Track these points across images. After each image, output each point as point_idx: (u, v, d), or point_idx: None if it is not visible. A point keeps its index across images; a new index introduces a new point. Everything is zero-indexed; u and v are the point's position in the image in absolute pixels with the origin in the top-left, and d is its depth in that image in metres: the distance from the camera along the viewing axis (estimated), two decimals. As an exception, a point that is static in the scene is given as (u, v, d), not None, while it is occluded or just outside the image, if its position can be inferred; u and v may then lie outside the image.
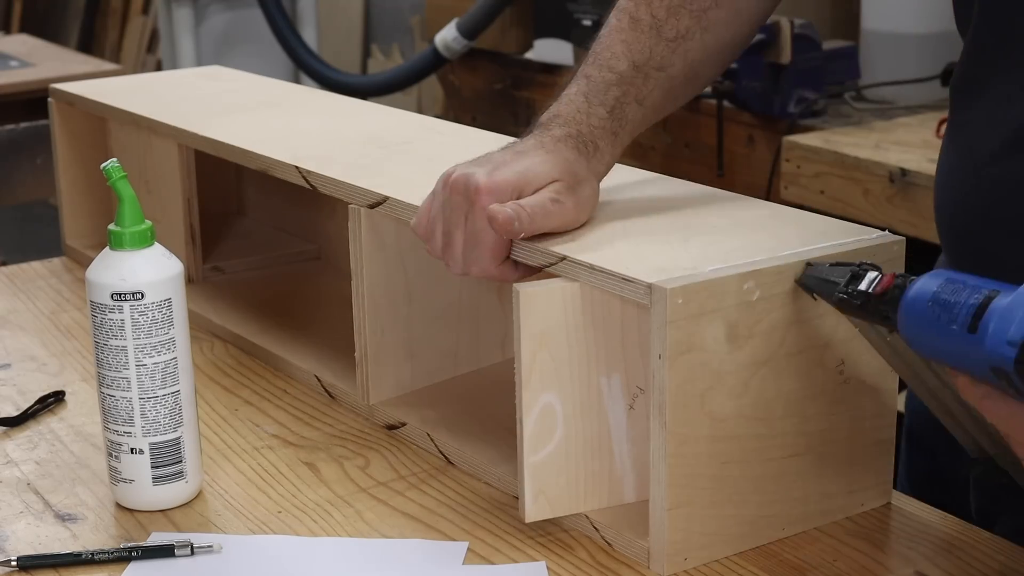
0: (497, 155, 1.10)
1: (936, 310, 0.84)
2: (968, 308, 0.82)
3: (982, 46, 1.05)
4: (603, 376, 1.03)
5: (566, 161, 1.07)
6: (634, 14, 1.13)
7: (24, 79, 3.27)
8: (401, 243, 1.24)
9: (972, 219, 1.05)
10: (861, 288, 0.92)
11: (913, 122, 2.61)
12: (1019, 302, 0.80)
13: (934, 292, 0.85)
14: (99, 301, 1.06)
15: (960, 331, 0.82)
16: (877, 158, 2.34)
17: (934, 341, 0.85)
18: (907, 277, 0.89)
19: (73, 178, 1.74)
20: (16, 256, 2.54)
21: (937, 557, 1.00)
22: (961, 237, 1.08)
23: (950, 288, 0.84)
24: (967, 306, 0.82)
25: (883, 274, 0.91)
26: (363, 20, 5.15)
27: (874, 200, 2.33)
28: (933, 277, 0.86)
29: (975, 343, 0.81)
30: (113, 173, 1.06)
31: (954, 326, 0.83)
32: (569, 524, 1.06)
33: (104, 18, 5.92)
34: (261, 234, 1.77)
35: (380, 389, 1.25)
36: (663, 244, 1.04)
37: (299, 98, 1.67)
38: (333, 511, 1.10)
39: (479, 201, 1.05)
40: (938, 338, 0.84)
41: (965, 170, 1.05)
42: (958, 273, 0.85)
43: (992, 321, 0.80)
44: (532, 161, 1.07)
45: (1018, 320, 0.79)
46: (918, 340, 0.87)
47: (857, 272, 0.93)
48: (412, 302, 1.25)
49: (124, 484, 1.10)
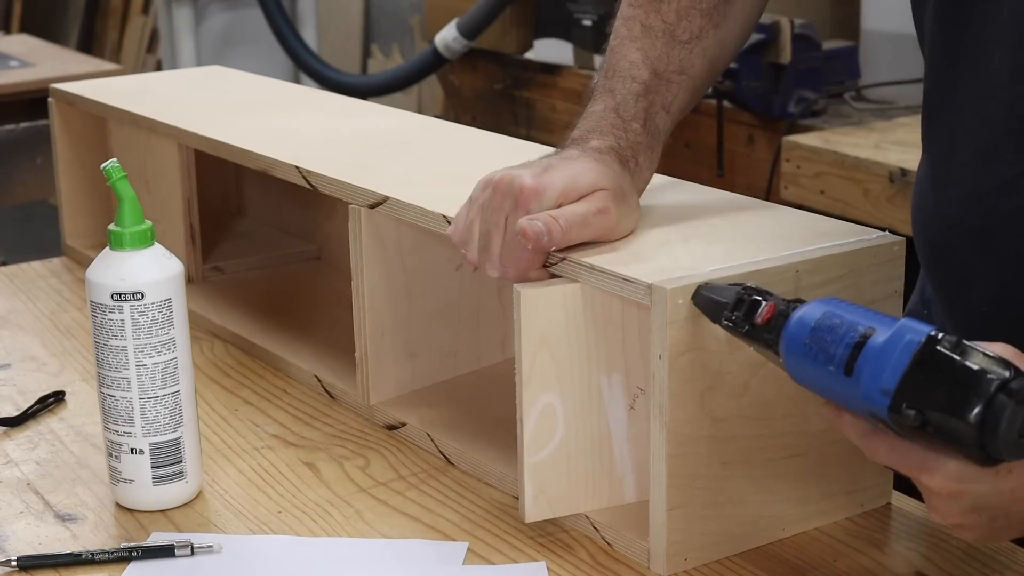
0: (543, 160, 1.07)
1: (814, 348, 0.83)
2: (844, 348, 0.81)
3: (936, 67, 1.04)
4: (603, 376, 1.03)
5: (613, 172, 1.05)
6: (644, 21, 1.12)
7: (24, 79, 3.27)
8: (401, 243, 1.24)
9: (941, 229, 1.05)
10: (745, 315, 0.90)
11: (913, 122, 2.60)
12: (892, 345, 0.79)
13: (812, 327, 0.83)
14: (99, 301, 1.06)
15: (837, 372, 0.81)
16: (877, 158, 2.34)
17: (814, 378, 0.84)
18: (791, 305, 0.87)
19: (73, 178, 1.74)
20: (16, 256, 2.55)
21: (937, 557, 1.00)
22: (931, 245, 1.07)
23: (828, 323, 0.83)
24: (843, 345, 0.81)
25: (768, 300, 0.89)
26: (363, 20, 5.15)
27: (874, 200, 2.33)
28: (815, 307, 0.85)
29: (851, 386, 0.81)
30: (113, 173, 1.06)
31: (831, 367, 0.82)
32: (569, 524, 1.06)
33: (104, 18, 5.92)
34: (261, 234, 1.77)
35: (380, 389, 1.25)
36: (663, 244, 1.04)
37: (299, 98, 1.67)
38: (333, 511, 1.10)
39: (523, 202, 1.02)
40: (817, 376, 0.83)
41: (936, 181, 1.05)
42: (839, 304, 0.84)
43: (867, 366, 0.79)
44: (581, 168, 1.04)
45: (891, 367, 0.78)
46: (799, 375, 0.86)
47: (742, 297, 0.91)
48: (412, 302, 1.25)
49: (124, 484, 1.10)
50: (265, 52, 4.40)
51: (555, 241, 1.01)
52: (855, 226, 1.08)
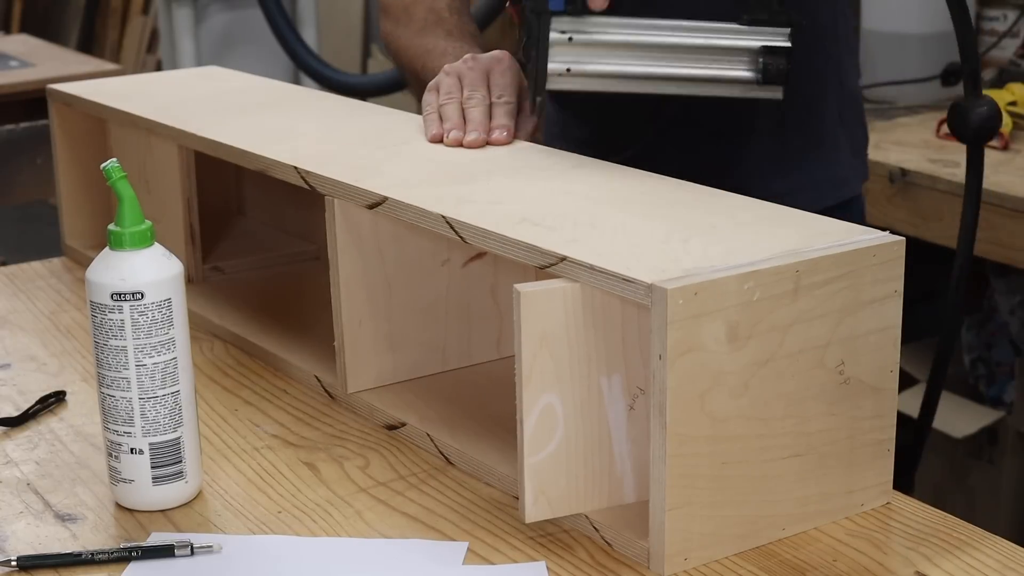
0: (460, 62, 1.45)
1: None
2: None
3: None
4: (603, 376, 1.03)
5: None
6: (411, 29, 1.60)
7: (24, 79, 3.27)
8: (379, 235, 1.24)
9: None
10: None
11: (913, 122, 2.61)
12: None
13: None
14: (99, 301, 1.06)
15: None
16: (877, 158, 2.34)
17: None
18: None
19: (73, 178, 1.74)
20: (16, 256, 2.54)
21: (937, 557, 1.00)
22: None
23: None
24: None
25: None
26: (363, 20, 5.15)
27: (874, 200, 2.33)
28: None
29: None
30: (113, 173, 1.06)
31: None
32: (569, 524, 1.06)
33: (104, 18, 5.92)
34: (261, 234, 1.77)
35: (358, 378, 1.26)
36: (663, 244, 1.04)
37: (299, 98, 1.67)
38: (333, 511, 1.10)
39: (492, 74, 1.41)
40: None
41: None
42: None
43: None
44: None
45: None
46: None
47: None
48: (392, 294, 1.26)
49: (124, 484, 1.10)
50: (265, 52, 4.40)
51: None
52: (855, 226, 1.08)
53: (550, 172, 1.26)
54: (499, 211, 1.13)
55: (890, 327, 1.04)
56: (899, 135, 2.50)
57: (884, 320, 1.04)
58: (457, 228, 1.12)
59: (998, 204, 2.14)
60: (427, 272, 1.28)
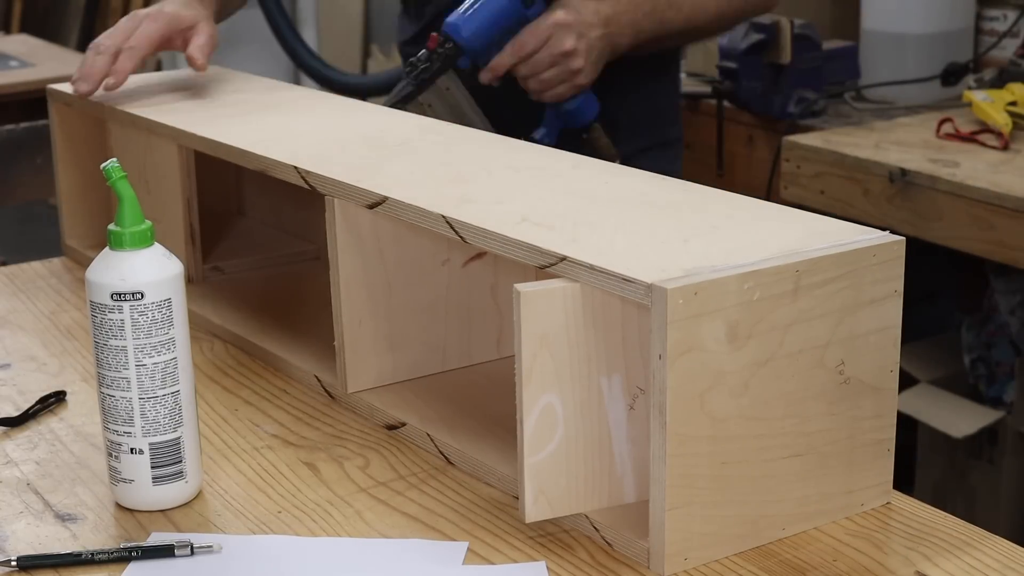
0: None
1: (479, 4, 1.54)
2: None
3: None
4: (603, 376, 1.03)
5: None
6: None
7: (24, 79, 3.27)
8: (379, 235, 1.24)
9: None
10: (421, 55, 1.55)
11: (913, 122, 2.61)
12: None
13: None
14: (99, 301, 1.06)
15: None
16: (877, 158, 2.34)
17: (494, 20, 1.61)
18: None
19: (73, 178, 1.74)
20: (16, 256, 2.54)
21: (937, 557, 1.00)
22: None
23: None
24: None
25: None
26: (363, 20, 5.15)
27: (874, 200, 2.33)
28: None
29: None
30: (113, 173, 1.06)
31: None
32: (569, 524, 1.06)
33: (104, 18, 5.91)
34: (261, 234, 1.77)
35: (358, 378, 1.26)
36: (663, 244, 1.04)
37: (298, 98, 1.67)
38: (333, 511, 1.10)
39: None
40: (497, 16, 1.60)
41: None
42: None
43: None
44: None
45: None
46: (480, 32, 1.59)
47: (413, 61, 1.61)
48: (392, 294, 1.26)
49: (124, 484, 1.10)
50: (265, 52, 4.40)
51: None
52: (855, 226, 1.08)
53: (550, 172, 1.27)
54: (499, 211, 1.13)
55: (890, 327, 1.05)
56: (899, 135, 2.50)
57: (884, 320, 1.04)
58: (457, 228, 1.12)
59: (998, 204, 2.14)
60: (427, 272, 1.28)
